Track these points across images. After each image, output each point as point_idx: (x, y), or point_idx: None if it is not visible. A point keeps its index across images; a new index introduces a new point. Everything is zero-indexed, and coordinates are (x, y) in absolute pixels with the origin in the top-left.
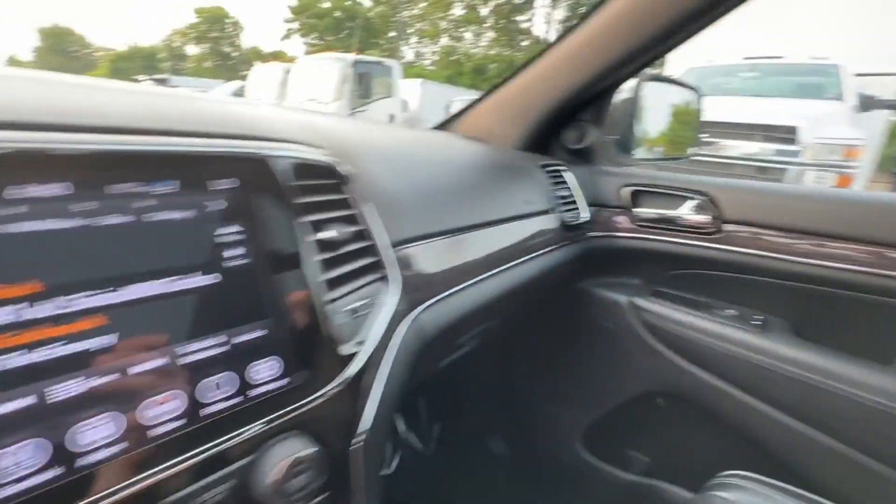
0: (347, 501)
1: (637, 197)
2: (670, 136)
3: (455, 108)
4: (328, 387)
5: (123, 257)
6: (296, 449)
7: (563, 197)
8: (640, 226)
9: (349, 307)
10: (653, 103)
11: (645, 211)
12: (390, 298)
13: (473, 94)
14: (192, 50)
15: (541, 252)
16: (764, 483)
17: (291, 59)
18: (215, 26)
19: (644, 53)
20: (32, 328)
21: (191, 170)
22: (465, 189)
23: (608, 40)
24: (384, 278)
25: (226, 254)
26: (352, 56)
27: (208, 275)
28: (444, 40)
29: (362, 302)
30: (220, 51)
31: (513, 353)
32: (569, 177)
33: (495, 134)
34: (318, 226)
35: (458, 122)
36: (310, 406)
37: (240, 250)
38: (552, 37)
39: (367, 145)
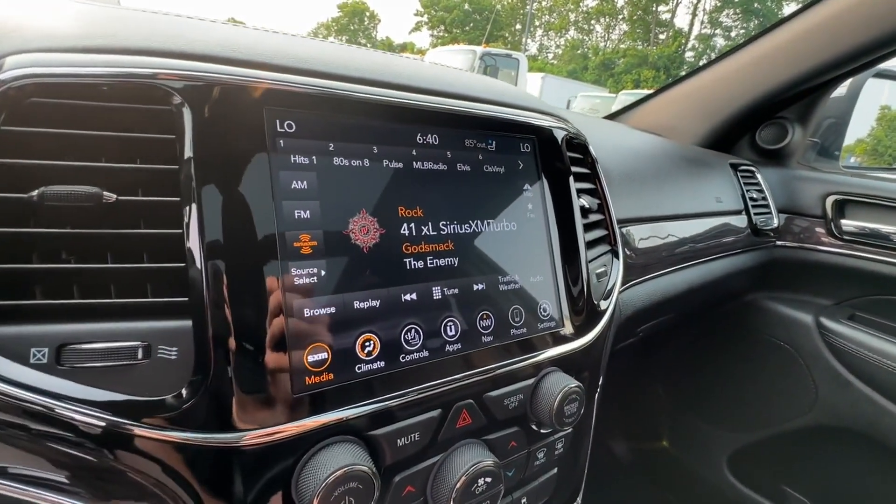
0: (586, 440)
1: (843, 208)
2: (871, 144)
3: (578, 104)
4: (588, 336)
5: (465, 198)
6: (565, 382)
7: (753, 199)
8: (845, 240)
9: (597, 270)
10: (864, 104)
11: (853, 224)
12: (616, 269)
13: (599, 90)
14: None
15: (727, 253)
16: None
17: (420, 52)
18: (355, 19)
19: (881, 48)
20: (420, 244)
21: (506, 133)
22: (663, 179)
23: (836, 32)
24: (614, 251)
25: (525, 206)
26: (481, 48)
27: (512, 222)
28: (572, 33)
29: (603, 268)
30: (356, 42)
31: (673, 357)
32: (761, 178)
33: (676, 129)
34: (578, 193)
35: (630, 116)
36: (574, 348)
37: (532, 205)
38: (696, 29)
39: (582, 126)
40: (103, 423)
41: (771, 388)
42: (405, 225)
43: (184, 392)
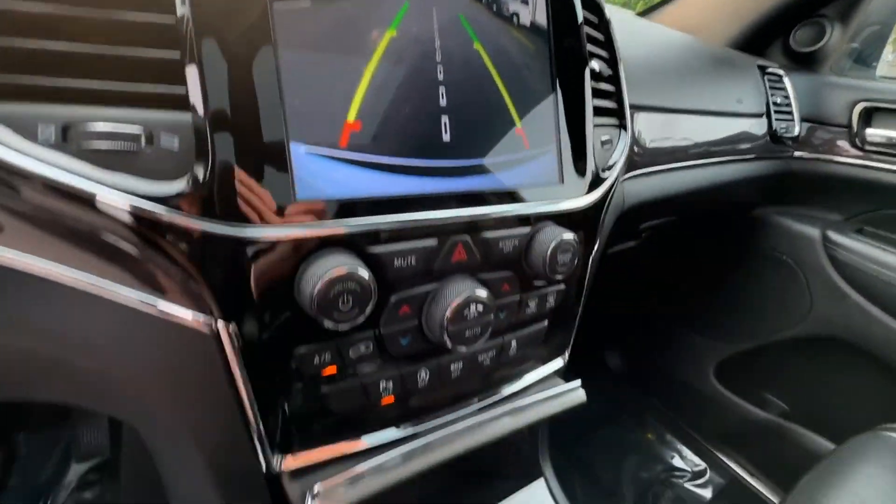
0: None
1: (871, 116)
2: None
3: None
4: (587, 199)
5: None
6: (560, 233)
7: (776, 104)
8: (867, 150)
9: (603, 137)
10: None
11: (879, 133)
12: (622, 143)
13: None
14: None
15: (741, 158)
16: None
17: None
18: None
19: None
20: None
21: None
22: (683, 74)
23: None
24: (623, 125)
25: (532, 55)
26: None
27: (517, 70)
28: None
29: (608, 137)
30: None
31: (672, 268)
32: (788, 83)
33: (705, 28)
34: (590, 55)
35: (659, 14)
36: (572, 208)
37: (540, 54)
38: None
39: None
40: (118, 201)
41: (766, 300)
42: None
43: (188, 181)
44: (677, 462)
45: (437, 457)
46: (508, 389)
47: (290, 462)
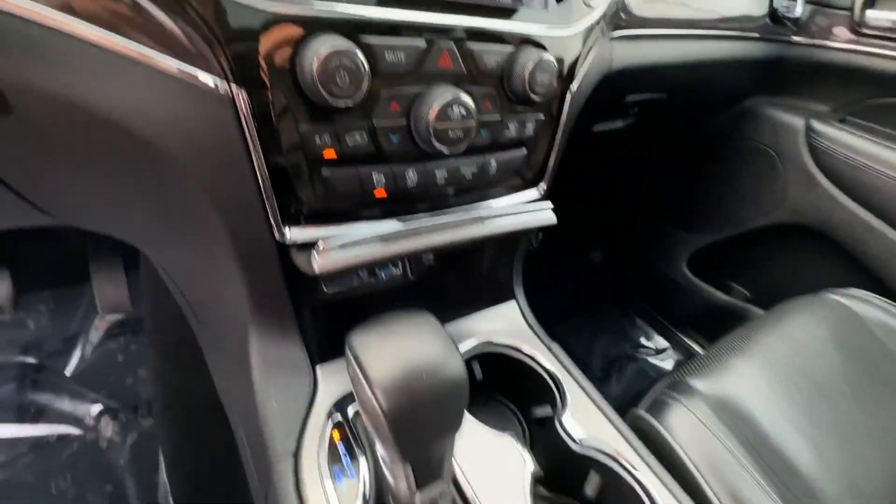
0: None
1: None
2: None
3: None
4: (572, 28)
5: None
6: (542, 54)
7: None
8: (865, 34)
9: None
10: None
11: (882, 15)
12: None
13: None
14: None
15: (738, 35)
16: (879, 298)
17: None
18: None
19: None
20: None
21: None
22: None
23: None
24: None
25: None
26: None
27: None
28: None
29: None
30: None
31: (650, 159)
32: None
33: None
34: None
35: None
36: (556, 35)
37: None
38: None
39: None
40: None
41: (742, 192)
42: None
43: None
44: (644, 341)
45: (422, 242)
46: (487, 203)
47: (297, 233)
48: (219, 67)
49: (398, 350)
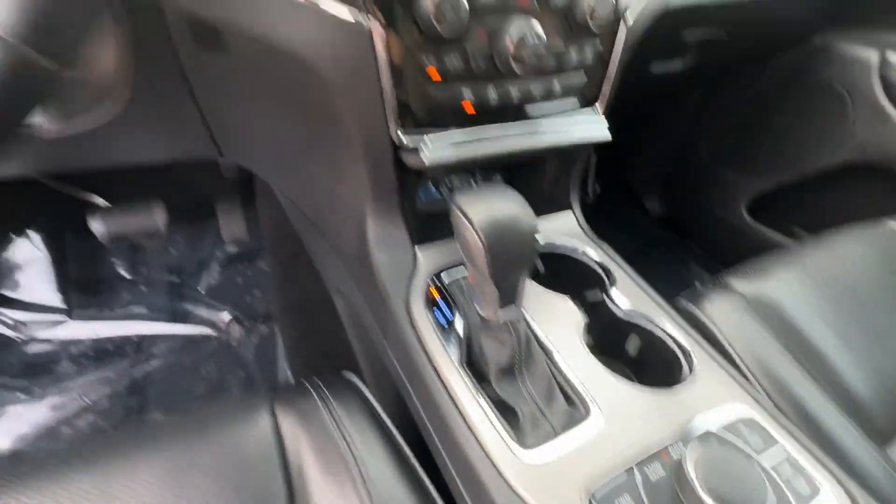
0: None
1: None
2: None
3: None
4: None
5: None
6: None
7: None
8: None
9: None
10: None
11: None
12: None
13: None
14: None
15: None
16: None
17: None
18: None
19: None
20: None
21: None
22: None
23: None
24: None
25: None
26: None
27: None
28: None
29: None
30: None
31: (709, 103)
32: None
33: None
34: None
35: None
36: None
37: None
38: None
39: None
40: None
41: (806, 132)
42: None
43: None
44: (697, 285)
45: (503, 145)
46: (553, 118)
47: (409, 138)
48: (362, 4)
49: (492, 204)
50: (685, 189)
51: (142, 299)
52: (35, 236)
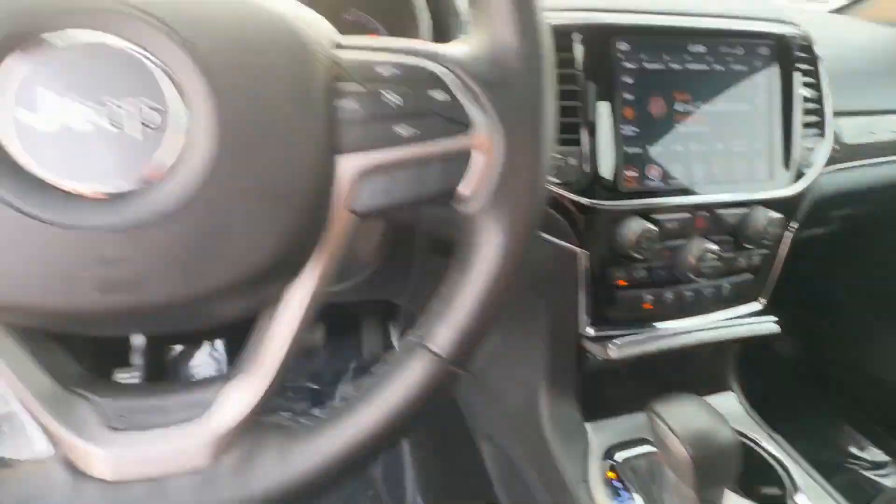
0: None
1: None
2: None
3: None
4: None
5: (717, 87)
6: (770, 213)
7: None
8: None
9: (806, 145)
10: None
11: None
12: (824, 147)
13: None
14: None
15: None
16: None
17: None
18: None
19: None
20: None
21: (750, 39)
22: (893, 74)
23: None
24: (823, 133)
25: (757, 93)
26: None
27: (743, 104)
28: None
29: (812, 144)
30: None
31: (859, 262)
32: None
33: None
34: (798, 85)
35: (862, 7)
36: (780, 195)
37: (763, 92)
38: None
39: (810, 23)
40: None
41: None
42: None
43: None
44: (855, 451)
45: (676, 341)
46: (721, 314)
47: (592, 331)
48: (577, 241)
49: (691, 417)
50: (826, 334)
51: (285, 405)
52: (219, 343)
